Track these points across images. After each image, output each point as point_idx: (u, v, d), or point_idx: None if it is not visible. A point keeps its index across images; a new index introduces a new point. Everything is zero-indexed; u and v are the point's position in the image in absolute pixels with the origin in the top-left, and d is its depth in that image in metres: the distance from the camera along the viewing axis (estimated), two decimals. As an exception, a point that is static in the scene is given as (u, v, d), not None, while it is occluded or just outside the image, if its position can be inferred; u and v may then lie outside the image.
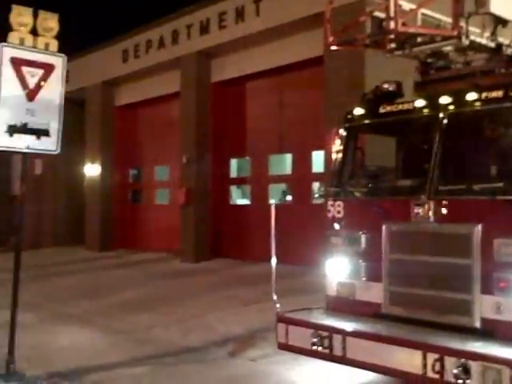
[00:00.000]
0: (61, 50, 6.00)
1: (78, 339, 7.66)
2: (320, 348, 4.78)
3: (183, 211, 15.84)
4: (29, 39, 5.75)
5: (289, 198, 14.79)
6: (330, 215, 5.62)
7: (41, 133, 5.81)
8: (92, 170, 19.38)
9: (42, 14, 5.82)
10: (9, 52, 5.68)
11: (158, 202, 18.78)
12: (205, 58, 15.99)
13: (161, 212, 18.10)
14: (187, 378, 5.90)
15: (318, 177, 13.36)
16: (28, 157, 6.01)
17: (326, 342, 4.76)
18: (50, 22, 5.82)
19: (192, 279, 12.60)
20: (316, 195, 13.69)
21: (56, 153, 6.00)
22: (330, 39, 5.45)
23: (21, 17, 5.71)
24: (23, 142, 5.77)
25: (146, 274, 13.50)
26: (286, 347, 5.16)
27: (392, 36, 5.08)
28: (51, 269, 14.72)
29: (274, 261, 5.50)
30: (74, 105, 17.00)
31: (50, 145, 5.94)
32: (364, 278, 5.22)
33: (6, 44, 5.68)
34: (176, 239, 15.97)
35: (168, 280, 12.50)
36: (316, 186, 14.01)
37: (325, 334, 4.80)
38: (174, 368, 6.23)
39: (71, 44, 6.35)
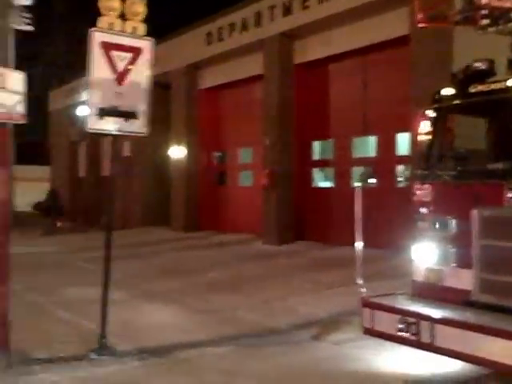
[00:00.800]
0: (148, 33, 6.09)
1: (165, 317, 7.86)
2: (407, 334, 4.68)
3: (266, 193, 15.91)
4: (117, 24, 5.87)
5: (372, 180, 14.55)
6: (416, 199, 5.47)
7: (129, 115, 5.94)
8: (177, 152, 19.76)
9: (129, -2, 5.92)
10: (99, 37, 5.82)
11: (242, 184, 18.94)
12: (288, 40, 15.90)
13: (244, 194, 18.25)
14: (272, 358, 5.93)
15: (402, 159, 13.08)
16: (118, 139, 6.17)
17: (413, 329, 4.66)
18: (138, 7, 5.91)
19: (275, 261, 12.66)
20: (401, 178, 13.44)
21: (144, 135, 6.13)
22: (419, 16, 5.27)
23: (109, 2, 5.83)
24: (113, 125, 5.92)
25: (230, 256, 13.68)
26: (371, 332, 5.09)
27: (485, 11, 4.85)
28: (139, 249, 15.17)
29: (359, 244, 5.43)
30: (159, 88, 17.39)
31: (138, 127, 6.07)
32: (453, 264, 5.05)
33: (96, 29, 5.82)
34: (259, 221, 16.08)
35: (251, 262, 12.62)
36: (400, 168, 13.73)
37: (412, 320, 4.69)
38: (259, 349, 6.28)
39: (157, 28, 6.44)
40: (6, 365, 5.36)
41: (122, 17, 5.90)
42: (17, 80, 5.48)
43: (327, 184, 16.06)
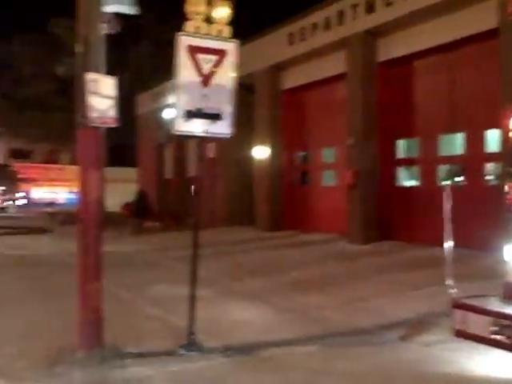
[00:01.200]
0: (232, 35, 6.17)
1: (250, 315, 7.94)
2: (501, 337, 4.54)
3: (350, 193, 15.78)
4: (203, 27, 5.99)
5: (459, 178, 14.19)
6: (509, 197, 5.29)
7: (215, 117, 6.05)
8: (261, 152, 19.91)
9: (215, 1, 6.02)
10: (185, 40, 5.96)
11: (325, 184, 18.87)
12: (371, 38, 15.71)
13: (328, 193, 18.17)
14: (359, 359, 5.88)
15: (492, 157, 12.65)
16: (205, 141, 6.29)
17: (508, 332, 4.51)
18: (223, 10, 6.01)
19: (360, 261, 12.54)
20: (491, 176, 12.99)
21: (230, 136, 6.22)
22: (511, 8, 5.09)
23: (196, 6, 5.96)
24: (199, 127, 6.05)
25: (314, 255, 13.66)
26: (463, 334, 4.97)
27: None
28: (224, 247, 15.40)
29: (448, 244, 5.30)
30: (243, 89, 17.56)
31: (224, 129, 6.17)
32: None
33: (182, 33, 5.96)
34: (343, 221, 15.97)
35: (336, 261, 12.56)
36: (490, 166, 13.30)
37: (506, 322, 4.55)
38: (345, 349, 6.24)
39: (241, 30, 6.51)
40: (101, 359, 5.58)
41: (208, 20, 6.01)
42: (109, 85, 5.69)
43: (412, 183, 15.75)
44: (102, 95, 5.60)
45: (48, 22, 41.02)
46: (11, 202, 36.58)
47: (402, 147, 16.05)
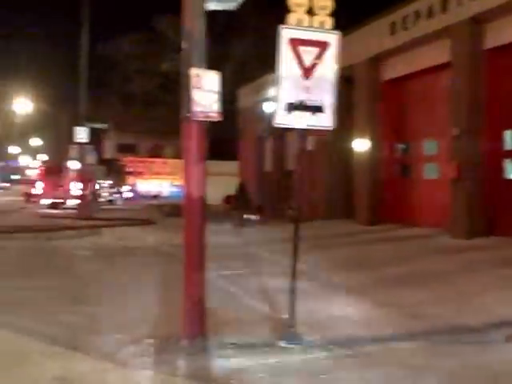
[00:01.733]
0: (333, 27, 6.11)
1: (349, 309, 7.86)
2: None
3: (454, 186, 15.27)
4: (305, 19, 5.97)
5: None
6: None
7: (316, 110, 6.02)
8: (360, 144, 19.66)
9: (317, -7, 5.98)
10: (287, 33, 5.96)
11: (427, 177, 18.37)
12: (477, 24, 15.09)
13: (429, 187, 17.69)
14: (463, 357, 5.67)
15: None
16: (305, 133, 6.28)
17: None
18: (326, 1, 5.95)
19: (464, 256, 12.12)
20: None
21: (331, 129, 6.18)
22: None
23: (298, -2, 5.94)
24: (300, 119, 6.04)
25: (415, 249, 13.35)
26: None
27: None
28: (323, 241, 15.35)
29: None
30: (342, 81, 17.39)
31: (325, 121, 6.13)
32: None
33: (284, 26, 5.97)
34: (445, 215, 15.50)
35: (438, 256, 12.21)
36: None
37: None
38: (448, 346, 6.05)
39: (341, 21, 6.43)
40: (203, 348, 5.71)
41: (310, 12, 5.97)
42: (212, 80, 5.79)
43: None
44: (205, 90, 5.71)
45: (153, 21, 42.38)
46: (118, 195, 38.12)
47: (510, 138, 15.34)
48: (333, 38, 6.08)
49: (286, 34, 5.95)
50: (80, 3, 23.78)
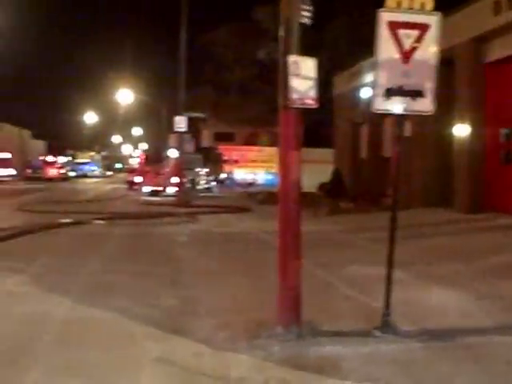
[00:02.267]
0: (434, 8, 5.90)
1: (447, 300, 7.62)
2: None
3: None
4: (405, 1, 5.79)
5: None
6: None
7: (415, 94, 5.86)
8: (461, 130, 18.96)
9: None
10: (386, 16, 5.82)
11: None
12: None
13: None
14: None
15: None
16: (403, 119, 6.13)
17: None
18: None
19: None
20: None
21: (431, 113, 5.99)
22: None
23: (398, -21, 5.77)
24: (399, 105, 5.89)
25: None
26: None
27: None
28: (419, 229, 14.97)
29: None
30: (442, 64, 16.84)
31: (425, 106, 5.95)
32: None
33: (383, 9, 5.83)
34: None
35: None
36: None
37: None
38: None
39: (440, 2, 6.19)
40: (297, 335, 5.72)
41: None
42: (309, 66, 5.76)
43: None
44: (302, 77, 5.69)
45: (250, 10, 42.70)
46: (215, 183, 38.87)
47: None
48: (433, 20, 5.88)
49: (384, 17, 5.81)
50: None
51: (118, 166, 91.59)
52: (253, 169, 48.82)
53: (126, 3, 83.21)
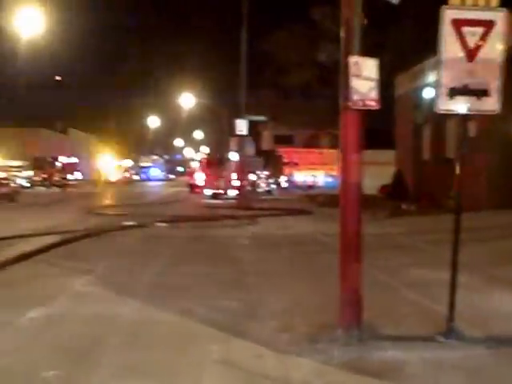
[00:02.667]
0: (500, 4, 5.74)
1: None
2: None
3: None
4: (470, -2, 5.67)
5: None
6: None
7: (480, 93, 5.70)
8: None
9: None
10: (450, 14, 5.69)
11: None
12: None
13: None
14: None
15: None
16: (467, 119, 5.98)
17: None
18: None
19: None
20: None
21: (496, 112, 5.82)
22: None
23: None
24: (463, 104, 5.75)
25: None
26: None
27: None
28: (485, 232, 14.55)
29: None
30: (506, 61, 16.35)
31: (490, 105, 5.78)
32: None
33: (447, 6, 5.70)
34: None
35: None
36: None
37: None
38: None
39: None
40: (359, 339, 5.66)
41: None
42: (371, 67, 5.70)
43: None
44: (363, 77, 5.63)
45: (309, 12, 42.60)
46: (275, 186, 38.90)
47: None
48: (499, 16, 5.71)
49: (448, 14, 5.68)
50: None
51: (180, 169, 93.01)
52: (313, 171, 48.64)
53: (189, 7, 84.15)
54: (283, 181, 42.89)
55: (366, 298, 5.87)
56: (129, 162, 75.65)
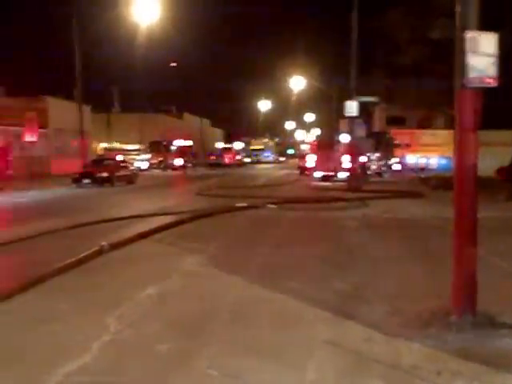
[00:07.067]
0: None
1: None
2: None
3: None
4: None
5: None
6: None
7: None
8: None
9: None
10: None
11: None
12: None
13: None
14: None
15: None
16: None
17: None
18: None
19: None
20: None
21: None
22: None
23: None
24: None
25: None
26: None
27: None
28: None
29: None
30: None
31: None
32: None
33: None
34: None
35: None
36: None
37: None
38: None
39: None
40: (473, 326, 5.46)
41: None
42: (489, 42, 5.42)
43: None
44: (481, 53, 5.37)
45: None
46: (386, 168, 38.13)
47: None
48: None
49: None
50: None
51: (291, 151, 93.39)
52: (426, 153, 47.18)
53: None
54: (394, 163, 41.92)
55: (483, 284, 5.66)
56: (240, 145, 76.89)
